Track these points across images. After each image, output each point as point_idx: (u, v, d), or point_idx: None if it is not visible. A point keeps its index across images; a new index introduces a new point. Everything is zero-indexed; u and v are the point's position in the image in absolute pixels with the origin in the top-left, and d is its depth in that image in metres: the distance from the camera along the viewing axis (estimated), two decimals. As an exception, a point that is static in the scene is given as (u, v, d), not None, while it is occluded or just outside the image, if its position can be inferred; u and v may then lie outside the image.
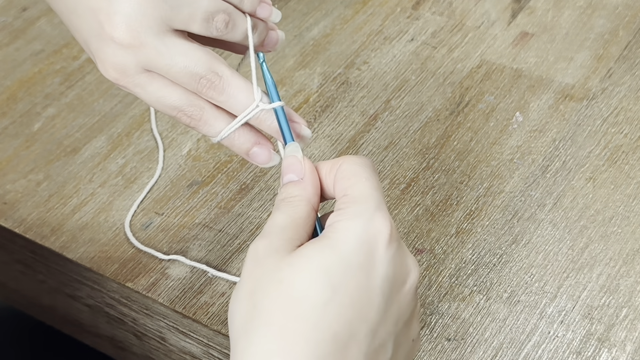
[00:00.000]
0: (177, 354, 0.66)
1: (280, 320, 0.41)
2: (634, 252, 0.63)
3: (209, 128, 0.54)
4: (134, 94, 0.54)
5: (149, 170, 0.71)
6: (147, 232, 0.66)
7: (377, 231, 0.44)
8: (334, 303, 0.42)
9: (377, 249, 0.43)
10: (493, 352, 0.58)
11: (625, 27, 0.81)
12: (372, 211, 0.44)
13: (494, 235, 0.65)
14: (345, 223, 0.44)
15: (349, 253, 0.43)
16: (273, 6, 0.57)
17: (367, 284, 0.43)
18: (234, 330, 0.43)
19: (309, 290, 0.42)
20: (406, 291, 0.45)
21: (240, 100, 0.54)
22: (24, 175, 0.71)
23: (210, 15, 0.53)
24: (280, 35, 0.58)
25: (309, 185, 0.48)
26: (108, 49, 0.52)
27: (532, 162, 0.70)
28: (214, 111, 0.54)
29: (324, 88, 0.77)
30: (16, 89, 0.79)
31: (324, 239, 0.43)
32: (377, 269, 0.43)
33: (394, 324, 0.44)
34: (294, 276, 0.42)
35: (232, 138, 0.55)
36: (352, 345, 0.42)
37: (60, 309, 0.73)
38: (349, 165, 0.47)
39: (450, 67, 0.79)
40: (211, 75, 0.53)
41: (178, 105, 0.54)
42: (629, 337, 0.58)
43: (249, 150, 0.55)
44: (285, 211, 0.46)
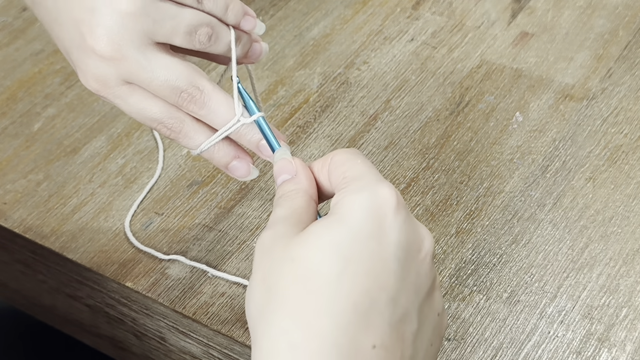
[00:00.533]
0: (177, 354, 0.66)
1: (296, 297, 0.41)
2: (634, 252, 0.63)
3: (188, 141, 0.55)
4: (115, 105, 0.55)
5: (149, 170, 0.71)
6: (147, 232, 0.66)
7: (383, 200, 0.43)
8: (347, 273, 0.41)
9: (385, 217, 0.43)
10: (493, 352, 0.58)
11: (625, 27, 0.81)
12: (374, 183, 0.44)
13: (494, 235, 0.65)
14: (349, 197, 0.44)
15: (357, 224, 0.42)
16: (257, 18, 0.57)
17: (380, 252, 0.42)
18: (252, 319, 0.43)
19: (321, 265, 0.41)
20: (422, 259, 0.44)
21: (221, 114, 0.54)
22: (24, 175, 0.71)
23: (193, 29, 0.53)
24: (264, 47, 0.58)
25: (302, 178, 0.48)
26: (89, 61, 0.53)
27: (532, 162, 0.70)
28: (194, 124, 0.55)
29: (324, 88, 0.77)
30: (16, 89, 0.79)
31: (331, 215, 0.43)
32: (388, 235, 0.43)
33: (414, 293, 0.43)
34: (304, 253, 0.42)
35: (211, 151, 0.55)
36: (374, 314, 0.41)
37: (60, 309, 0.73)
38: (340, 156, 0.48)
39: (450, 67, 0.79)
40: (192, 89, 0.53)
41: (158, 118, 0.54)
42: (629, 337, 0.58)
43: (229, 164, 0.56)
44: (284, 205, 0.47)
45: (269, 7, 0.86)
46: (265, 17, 0.85)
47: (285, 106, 0.76)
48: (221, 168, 0.56)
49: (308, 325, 0.40)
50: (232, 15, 0.56)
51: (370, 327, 0.41)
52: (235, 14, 0.56)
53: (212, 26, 0.54)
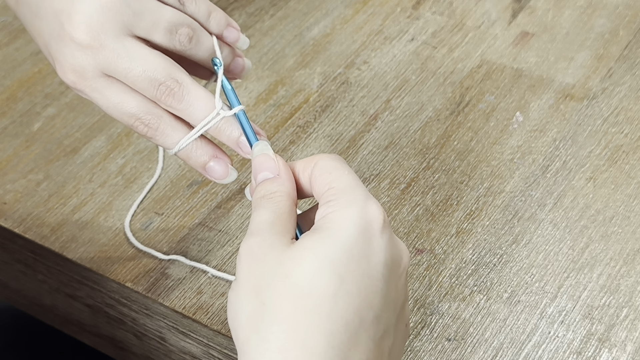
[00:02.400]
0: (177, 354, 0.66)
1: (292, 314, 0.41)
2: (634, 252, 0.63)
3: (165, 138, 0.54)
4: (92, 100, 0.54)
5: (149, 170, 0.71)
6: (147, 232, 0.66)
7: (372, 218, 0.44)
8: (342, 292, 0.42)
9: (374, 236, 0.44)
10: (493, 352, 0.58)
11: (625, 27, 0.81)
12: (363, 199, 0.45)
13: (494, 235, 0.65)
14: (340, 212, 0.44)
15: (349, 241, 0.43)
16: (242, 33, 0.56)
17: (370, 271, 0.43)
18: (242, 330, 0.43)
19: (317, 282, 0.42)
20: (400, 274, 0.45)
21: (200, 108, 0.53)
22: (24, 175, 0.71)
23: (174, 27, 0.53)
24: (246, 63, 0.58)
25: (286, 180, 0.48)
26: (67, 50, 0.52)
27: (533, 161, 0.70)
28: (172, 121, 0.54)
29: (324, 88, 0.77)
30: (16, 88, 0.79)
31: (322, 230, 0.44)
32: (376, 255, 0.44)
33: (393, 309, 0.45)
34: (299, 269, 0.42)
35: (189, 150, 0.54)
36: (362, 332, 0.42)
37: (60, 309, 0.73)
38: (325, 162, 0.47)
39: (450, 66, 0.79)
40: (171, 81, 0.52)
41: (135, 113, 0.53)
42: (630, 337, 0.58)
43: (206, 164, 0.55)
44: (268, 207, 0.46)
45: (269, 7, 0.86)
46: (265, 17, 0.85)
47: (285, 106, 0.76)
48: (198, 169, 0.55)
49: (303, 343, 0.41)
50: (214, 23, 0.55)
51: (358, 344, 0.42)
52: (217, 22, 0.55)
53: (193, 28, 0.53)
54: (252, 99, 0.76)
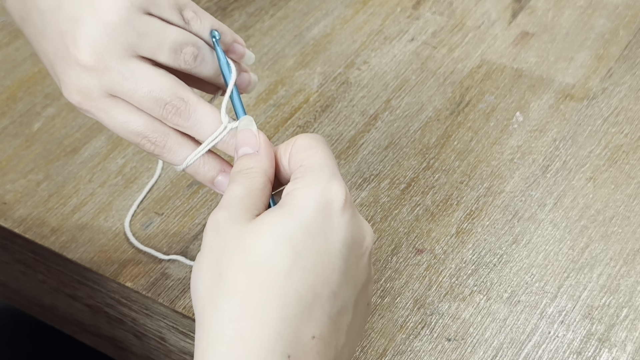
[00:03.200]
0: (177, 354, 0.66)
1: (246, 286, 0.43)
2: (634, 252, 0.63)
3: (173, 155, 0.54)
4: (98, 120, 0.54)
5: (149, 170, 0.71)
6: (147, 232, 0.66)
7: (333, 197, 0.45)
8: (297, 267, 0.43)
9: (334, 214, 0.45)
10: (493, 352, 0.58)
11: (625, 27, 0.81)
12: (327, 178, 0.45)
13: (494, 235, 0.65)
14: (302, 190, 0.45)
15: (308, 219, 0.44)
16: (248, 49, 0.56)
17: (327, 248, 0.44)
18: (199, 300, 0.44)
19: (273, 257, 0.43)
20: (362, 254, 0.46)
21: (207, 124, 0.53)
22: (23, 175, 0.71)
23: (179, 47, 0.53)
24: (253, 78, 0.57)
25: (264, 157, 0.49)
26: (72, 72, 0.52)
27: (533, 162, 0.70)
28: (178, 138, 0.54)
29: (324, 88, 0.77)
30: (16, 88, 0.79)
31: (283, 206, 0.45)
32: (336, 233, 0.44)
33: (353, 287, 0.45)
34: (257, 243, 0.43)
35: (197, 166, 0.54)
36: (316, 307, 0.43)
37: (60, 309, 0.73)
38: (303, 140, 0.48)
39: (450, 67, 0.79)
40: (177, 100, 0.52)
41: (142, 132, 0.53)
42: (630, 337, 0.58)
43: (214, 179, 0.55)
44: (242, 182, 0.47)
45: (269, 7, 0.86)
46: (265, 17, 0.85)
47: (285, 106, 0.76)
48: (206, 184, 0.55)
49: (255, 315, 0.42)
50: (221, 39, 0.55)
51: (311, 319, 0.43)
52: (223, 39, 0.55)
53: (198, 47, 0.53)
54: (252, 99, 0.76)
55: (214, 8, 0.86)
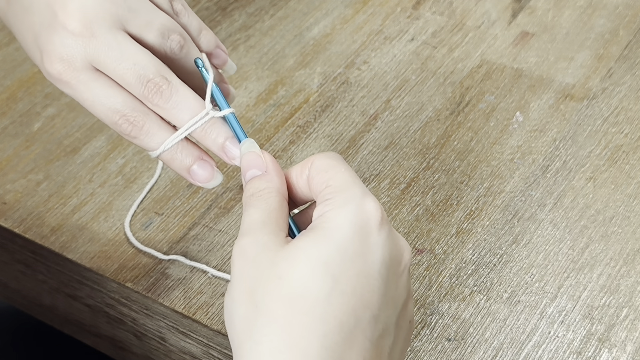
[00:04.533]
0: (177, 354, 0.66)
1: (285, 316, 0.41)
2: (634, 252, 0.63)
3: (150, 139, 0.52)
4: (76, 95, 0.52)
5: (149, 170, 0.71)
6: (147, 232, 0.66)
7: (368, 216, 0.43)
8: (336, 293, 0.41)
9: (370, 234, 0.43)
10: (493, 352, 0.58)
11: (625, 27, 0.81)
12: (360, 197, 0.44)
13: (494, 235, 0.65)
14: (335, 212, 0.43)
15: (344, 241, 0.42)
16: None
17: (366, 270, 0.43)
18: (237, 333, 0.43)
19: (310, 283, 0.41)
20: (401, 272, 0.45)
21: (188, 107, 0.52)
22: (24, 175, 0.71)
23: (167, 31, 0.52)
24: (232, 91, 0.57)
25: (274, 176, 0.48)
26: (57, 38, 0.51)
27: (533, 161, 0.70)
28: (157, 120, 0.52)
29: (324, 88, 0.77)
30: (16, 88, 0.79)
31: (317, 229, 0.43)
32: (373, 253, 0.43)
33: (393, 307, 0.44)
34: (292, 270, 0.42)
35: (173, 152, 0.52)
36: (358, 332, 0.42)
37: (60, 309, 0.73)
38: (322, 160, 0.47)
39: (450, 66, 0.79)
40: (159, 79, 0.51)
41: (121, 109, 0.51)
42: (630, 337, 0.58)
43: (191, 166, 0.53)
44: (258, 206, 0.46)
45: (269, 7, 0.86)
46: (265, 17, 0.85)
47: (285, 106, 0.76)
48: (182, 172, 0.53)
49: (296, 346, 0.41)
50: (205, 40, 0.55)
51: (354, 345, 0.42)
52: (208, 40, 0.55)
53: (184, 37, 0.53)
54: (252, 99, 0.76)
55: (214, 8, 0.86)
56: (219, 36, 0.83)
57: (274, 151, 0.72)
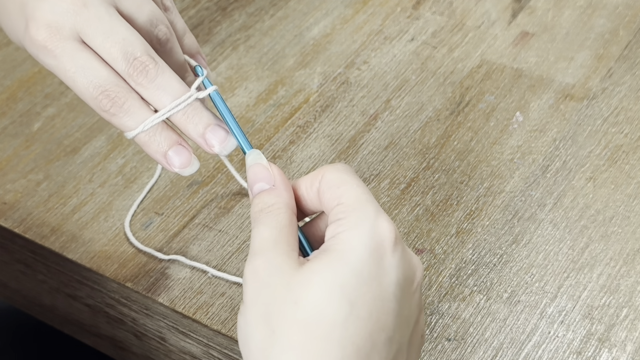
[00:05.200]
0: (177, 354, 0.66)
1: (302, 341, 0.41)
2: (634, 252, 0.63)
3: (129, 117, 0.50)
4: (57, 66, 0.50)
5: (149, 170, 0.71)
6: (147, 232, 0.66)
7: (383, 237, 0.43)
8: (352, 317, 0.41)
9: (385, 255, 0.43)
10: (493, 352, 0.58)
11: (625, 27, 0.81)
12: (373, 217, 0.43)
13: (494, 235, 0.65)
14: (349, 233, 0.43)
15: (359, 264, 0.42)
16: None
17: (381, 293, 0.42)
18: (253, 357, 0.42)
19: (327, 308, 0.41)
20: (414, 291, 0.45)
21: (172, 89, 0.50)
22: (24, 175, 0.71)
23: (156, 20, 0.52)
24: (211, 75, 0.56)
25: (283, 190, 0.47)
26: (47, 5, 0.50)
27: (533, 161, 0.70)
28: (139, 100, 0.50)
29: (324, 88, 0.77)
30: (16, 88, 0.79)
31: (331, 251, 0.42)
32: (388, 275, 0.43)
33: (407, 326, 0.44)
34: (308, 295, 0.41)
35: (152, 133, 0.50)
36: (374, 355, 0.42)
37: (60, 309, 0.73)
38: (332, 174, 0.46)
39: (450, 66, 0.79)
40: (146, 58, 0.50)
41: (103, 84, 0.50)
42: (630, 337, 0.58)
43: (168, 151, 0.51)
44: (268, 223, 0.45)
45: (269, 7, 0.86)
46: (265, 17, 0.85)
47: (285, 106, 0.76)
48: (158, 157, 0.51)
49: None
50: (188, 42, 0.55)
51: None
52: (191, 43, 0.54)
53: (170, 32, 0.52)
54: (252, 99, 0.76)
55: (214, 8, 0.86)
56: (219, 36, 0.83)
57: (274, 151, 0.72)
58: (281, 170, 0.48)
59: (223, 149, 0.51)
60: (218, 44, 0.82)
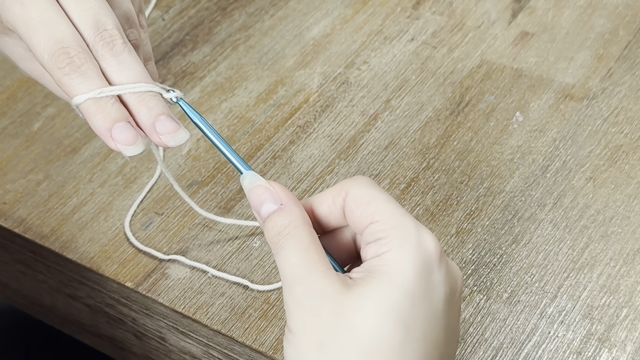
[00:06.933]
0: (177, 354, 0.66)
1: None
2: (634, 252, 0.63)
3: (82, 81, 0.47)
4: (24, 13, 0.48)
5: (149, 170, 0.71)
6: (147, 232, 0.66)
7: (429, 253, 0.42)
8: (409, 340, 0.41)
9: (433, 272, 0.42)
10: (493, 352, 0.58)
11: (625, 27, 0.81)
12: (416, 233, 0.43)
13: (494, 235, 0.65)
14: (396, 253, 0.42)
15: (410, 285, 0.42)
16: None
17: (432, 311, 0.42)
18: None
19: (383, 334, 0.41)
20: (457, 300, 0.44)
21: (135, 70, 0.48)
22: (23, 175, 0.71)
23: (131, 20, 0.51)
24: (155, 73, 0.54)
25: (293, 206, 0.45)
26: None
27: (533, 161, 0.70)
28: (97, 68, 0.48)
29: (324, 88, 0.77)
30: (16, 88, 0.79)
31: (380, 273, 0.42)
32: (437, 292, 0.42)
33: (453, 339, 0.44)
34: (363, 321, 0.41)
35: (103, 103, 0.47)
36: None
37: (60, 309, 0.73)
38: (359, 190, 0.45)
39: (450, 66, 0.79)
40: (116, 33, 0.48)
41: (65, 41, 0.47)
42: (630, 337, 0.58)
43: (116, 124, 0.47)
44: (292, 246, 0.43)
45: (269, 7, 0.86)
46: (265, 17, 0.85)
47: (285, 106, 0.76)
48: (102, 129, 0.47)
49: None
50: (150, 70, 0.53)
51: None
52: (152, 72, 0.53)
53: (139, 42, 0.51)
54: (252, 99, 0.76)
55: (214, 8, 0.86)
56: (219, 36, 0.83)
57: (274, 151, 0.72)
58: (282, 185, 0.46)
59: (172, 139, 0.48)
60: (218, 44, 0.82)
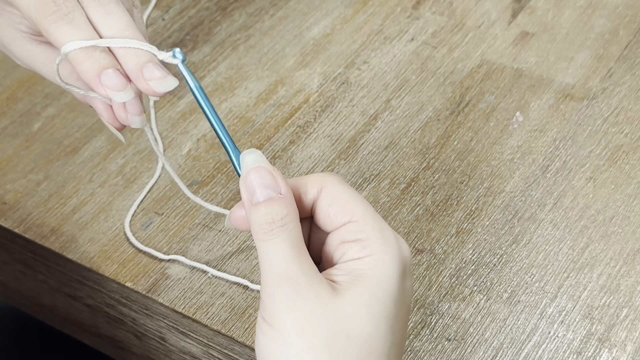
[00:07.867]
0: (177, 354, 0.66)
1: None
2: (634, 252, 0.63)
3: (69, 29, 0.46)
4: None
5: (149, 170, 0.71)
6: (147, 232, 0.66)
7: (406, 260, 0.45)
8: (394, 345, 0.43)
9: (407, 277, 0.44)
10: (493, 352, 0.58)
11: (625, 27, 0.81)
12: (394, 238, 0.44)
13: (494, 235, 0.65)
14: (382, 258, 0.43)
15: (396, 290, 0.43)
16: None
17: (408, 312, 0.45)
18: None
19: (376, 341, 0.43)
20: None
21: (124, 21, 0.47)
22: (23, 175, 0.71)
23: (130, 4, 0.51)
24: None
25: (291, 200, 0.43)
26: None
27: (533, 161, 0.70)
28: (85, 17, 0.47)
29: (324, 88, 0.77)
30: (16, 88, 0.79)
31: (368, 278, 0.43)
32: (409, 297, 0.45)
33: None
34: (360, 328, 0.42)
35: (91, 51, 0.46)
36: None
37: (60, 309, 0.73)
38: (336, 187, 0.45)
39: (450, 66, 0.79)
40: None
41: None
42: (630, 337, 0.58)
43: (103, 71, 0.46)
44: (287, 239, 0.42)
45: (269, 6, 0.86)
46: (265, 17, 0.85)
47: (285, 106, 0.76)
48: (92, 76, 0.46)
49: None
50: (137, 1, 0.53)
51: None
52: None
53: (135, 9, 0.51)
54: (252, 99, 0.76)
55: (214, 8, 0.86)
56: (219, 36, 0.83)
57: (274, 151, 0.72)
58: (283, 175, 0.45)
59: (160, 85, 0.47)
60: (218, 44, 0.82)
